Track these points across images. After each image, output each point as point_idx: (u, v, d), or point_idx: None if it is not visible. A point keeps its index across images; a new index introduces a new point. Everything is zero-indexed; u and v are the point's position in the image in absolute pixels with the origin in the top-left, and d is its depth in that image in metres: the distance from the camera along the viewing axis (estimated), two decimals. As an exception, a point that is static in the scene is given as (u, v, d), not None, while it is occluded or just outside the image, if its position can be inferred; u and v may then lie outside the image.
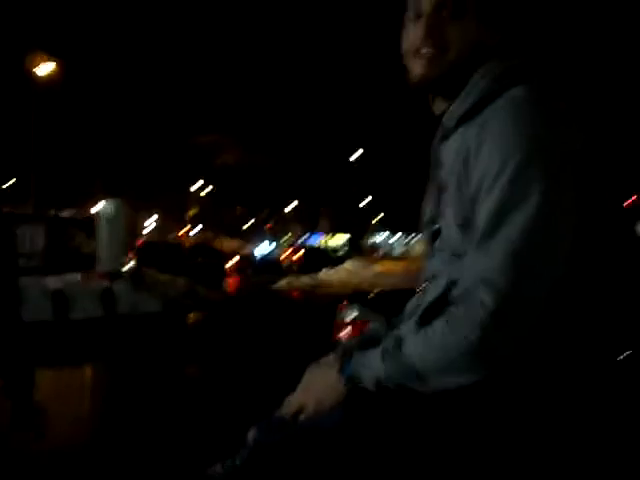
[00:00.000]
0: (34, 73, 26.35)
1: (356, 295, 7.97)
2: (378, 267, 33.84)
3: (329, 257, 37.86)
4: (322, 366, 1.57)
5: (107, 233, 13.75)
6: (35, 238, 12.89)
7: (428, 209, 1.62)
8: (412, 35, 1.53)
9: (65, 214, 18.71)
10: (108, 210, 14.21)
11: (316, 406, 1.50)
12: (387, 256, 56.98)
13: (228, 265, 28.03)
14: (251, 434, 1.55)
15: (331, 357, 1.58)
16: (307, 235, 60.07)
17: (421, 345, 1.38)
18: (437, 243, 1.53)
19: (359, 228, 60.46)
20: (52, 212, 18.65)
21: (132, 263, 22.40)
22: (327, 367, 1.54)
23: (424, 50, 1.50)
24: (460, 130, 1.48)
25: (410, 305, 1.67)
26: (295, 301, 20.54)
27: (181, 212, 55.07)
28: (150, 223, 52.56)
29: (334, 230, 59.58)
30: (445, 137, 1.54)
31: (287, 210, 60.43)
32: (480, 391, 1.35)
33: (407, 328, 1.47)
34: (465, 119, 1.47)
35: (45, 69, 26.60)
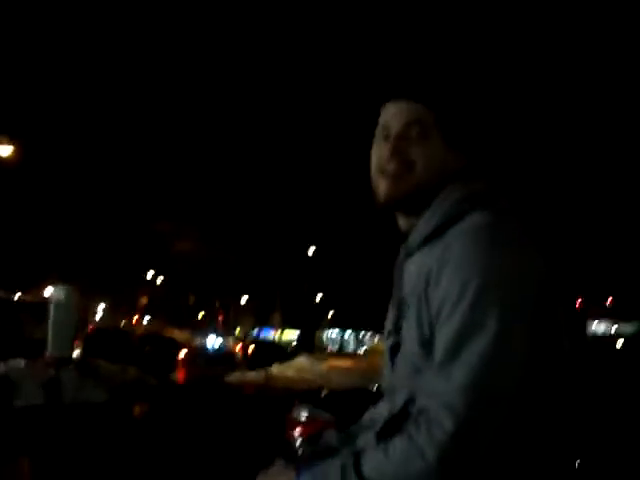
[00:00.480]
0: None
1: (308, 394, 7.92)
2: (329, 363, 33.64)
3: (281, 351, 37.34)
4: (274, 476, 1.57)
5: (57, 319, 13.50)
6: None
7: (389, 323, 1.65)
8: (379, 154, 1.59)
9: (16, 297, 18.43)
10: (59, 296, 13.99)
11: None
12: (338, 352, 56.85)
13: (179, 356, 27.61)
14: None
15: (281, 466, 1.59)
16: (258, 329, 59.70)
17: (381, 461, 1.39)
18: (397, 357, 1.56)
19: (311, 324, 60.31)
20: (2, 294, 18.31)
21: (79, 350, 22.16)
22: (280, 477, 1.54)
23: (390, 169, 1.56)
24: (424, 250, 1.53)
25: (367, 416, 1.70)
26: (246, 395, 20.23)
27: (133, 300, 54.53)
28: (100, 310, 51.92)
29: (286, 325, 59.31)
30: (409, 255, 1.59)
31: (241, 302, 60.18)
32: None
33: (366, 442, 1.51)
34: (429, 239, 1.52)
35: (4, 151, 26.54)
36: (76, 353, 16.44)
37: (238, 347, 37.01)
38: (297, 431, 5.67)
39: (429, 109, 1.55)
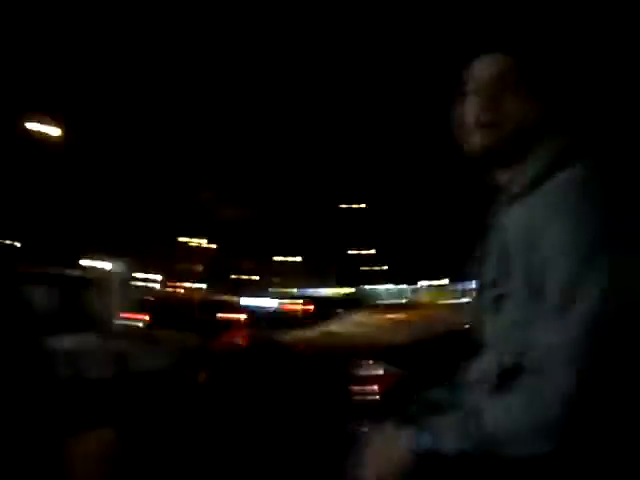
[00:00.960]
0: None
1: (378, 351, 7.90)
2: (387, 317, 33.69)
3: (336, 305, 37.14)
4: (386, 438, 1.57)
5: (118, 292, 13.75)
6: (48, 297, 12.85)
7: (486, 275, 1.68)
8: (471, 108, 1.65)
9: (75, 273, 18.73)
10: (118, 270, 14.22)
11: (381, 468, 1.52)
12: (394, 306, 56.96)
13: (236, 320, 27.96)
14: None
15: (390, 427, 1.59)
16: (312, 288, 60.16)
17: (504, 415, 1.42)
18: (503, 309, 1.58)
19: (363, 279, 60.56)
20: (61, 271, 18.64)
21: (144, 321, 22.92)
22: (392, 439, 1.55)
23: (484, 120, 1.62)
24: (527, 199, 1.58)
25: (473, 370, 1.71)
26: (305, 355, 20.41)
27: (187, 269, 55.22)
28: (155, 280, 52.65)
29: (338, 283, 59.61)
30: (510, 203, 1.64)
31: (294, 263, 60.60)
32: (551, 458, 1.40)
33: (481, 397, 1.54)
34: (532, 188, 1.57)
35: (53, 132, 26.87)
36: (140, 324, 16.83)
37: (292, 306, 37.36)
38: (374, 387, 5.65)
39: (514, 61, 1.61)
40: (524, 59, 1.62)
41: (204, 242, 57.23)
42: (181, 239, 51.88)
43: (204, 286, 56.82)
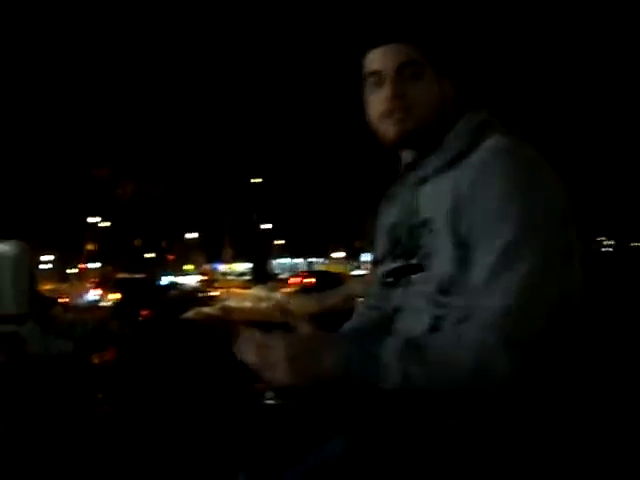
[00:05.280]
0: None
1: (282, 324, 8.04)
2: (283, 291, 33.97)
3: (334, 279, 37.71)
4: (321, 336, 1.51)
5: (10, 275, 13.42)
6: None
7: (387, 247, 1.72)
8: (378, 99, 1.63)
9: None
10: (9, 251, 13.88)
11: (297, 371, 1.41)
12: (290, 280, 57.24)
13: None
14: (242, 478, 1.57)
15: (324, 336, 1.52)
16: (210, 264, 59.73)
17: (449, 345, 1.40)
18: (414, 278, 1.60)
19: (261, 254, 60.49)
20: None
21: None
22: (327, 339, 1.49)
23: (393, 112, 1.61)
24: (447, 173, 1.59)
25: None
26: (208, 330, 20.48)
27: (79, 248, 53.90)
28: (47, 261, 51.22)
29: (236, 257, 59.43)
30: (423, 181, 1.65)
31: (189, 239, 59.95)
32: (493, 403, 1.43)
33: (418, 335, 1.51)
34: (452, 163, 1.59)
35: None
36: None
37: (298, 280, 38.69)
38: None
39: (416, 45, 1.60)
40: (425, 41, 1.62)
41: (96, 220, 55.94)
42: (72, 217, 50.56)
43: (97, 265, 55.69)
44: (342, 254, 67.00)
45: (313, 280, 38.14)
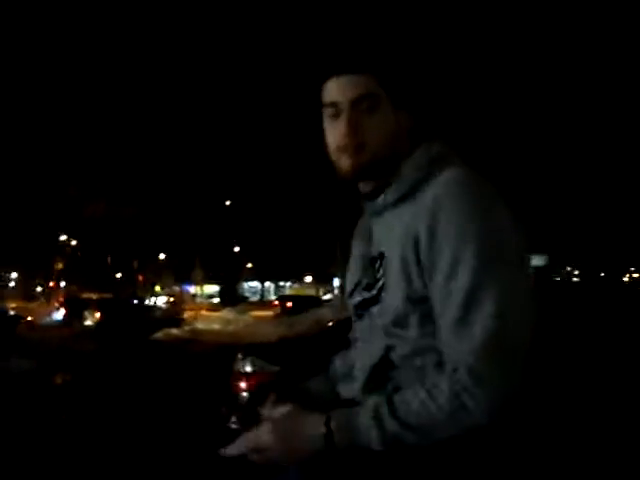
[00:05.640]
0: None
1: (250, 346, 8.00)
2: (253, 314, 33.96)
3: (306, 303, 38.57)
4: (300, 417, 1.53)
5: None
6: None
7: (354, 279, 1.72)
8: (334, 132, 1.62)
9: None
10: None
11: (288, 454, 1.50)
12: (260, 303, 57.17)
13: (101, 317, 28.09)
14: None
15: (296, 409, 1.56)
16: (179, 286, 59.46)
17: (423, 406, 1.42)
18: (373, 310, 1.62)
19: (231, 277, 60.35)
20: None
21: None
22: (307, 420, 1.51)
23: (349, 145, 1.59)
24: (401, 207, 1.60)
25: (339, 365, 1.82)
26: (175, 351, 20.33)
27: (47, 266, 53.38)
28: (11, 279, 50.74)
29: (206, 279, 59.24)
30: (378, 214, 1.66)
31: (159, 260, 59.64)
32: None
33: (354, 391, 1.59)
34: (405, 197, 1.59)
35: None
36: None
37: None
38: (243, 384, 5.76)
39: (373, 77, 1.58)
40: (382, 73, 1.60)
41: (64, 238, 55.48)
42: (44, 234, 50.12)
43: (63, 284, 55.13)
44: (310, 278, 67.03)
45: (290, 304, 39.64)
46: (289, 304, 40.07)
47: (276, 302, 45.14)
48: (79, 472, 6.08)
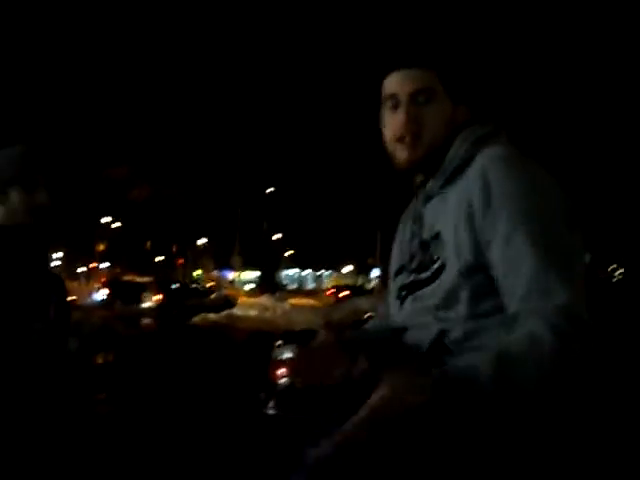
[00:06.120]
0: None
1: (287, 334, 8.00)
2: (291, 302, 34.05)
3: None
4: (407, 374, 1.48)
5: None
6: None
7: (403, 261, 1.76)
8: (392, 124, 1.70)
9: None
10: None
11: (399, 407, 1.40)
12: (298, 291, 57.24)
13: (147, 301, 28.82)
14: None
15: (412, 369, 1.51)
16: (217, 270, 59.84)
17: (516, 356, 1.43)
18: (424, 291, 1.66)
19: (270, 263, 60.53)
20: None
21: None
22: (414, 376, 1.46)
23: (406, 136, 1.67)
24: (449, 189, 1.66)
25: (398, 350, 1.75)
26: (213, 336, 20.47)
27: (90, 247, 54.09)
28: (56, 258, 51.35)
29: (245, 265, 59.53)
30: (428, 199, 1.72)
31: (199, 245, 60.06)
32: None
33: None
34: (452, 178, 1.66)
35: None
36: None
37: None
38: (282, 371, 5.75)
39: (432, 72, 1.66)
40: (441, 68, 1.67)
41: (108, 220, 56.08)
42: (85, 216, 50.73)
43: (106, 265, 55.82)
44: (350, 267, 66.98)
45: (348, 292, 40.16)
46: (345, 293, 40.66)
47: (331, 291, 46.12)
48: (113, 453, 6.17)
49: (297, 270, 70.64)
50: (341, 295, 40.45)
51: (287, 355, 5.91)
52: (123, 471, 5.69)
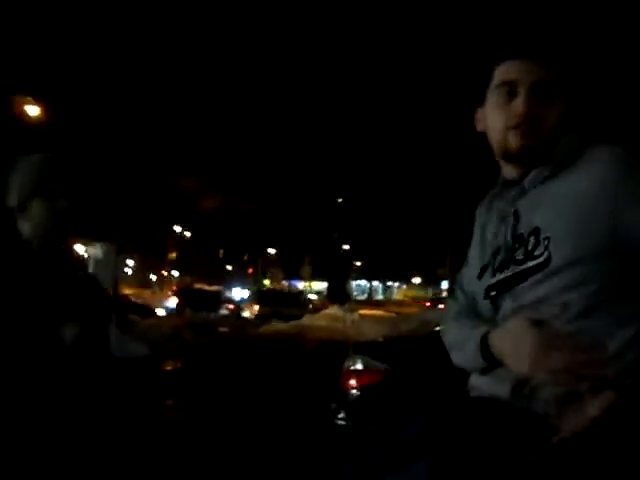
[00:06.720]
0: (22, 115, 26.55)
1: (358, 345, 7.97)
2: (360, 312, 33.98)
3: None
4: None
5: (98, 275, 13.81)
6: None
7: (486, 260, 1.77)
8: (507, 110, 1.70)
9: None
10: (98, 253, 14.28)
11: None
12: (367, 302, 57.24)
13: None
14: None
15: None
16: (287, 280, 60.22)
17: None
18: (521, 286, 1.65)
19: (339, 274, 60.65)
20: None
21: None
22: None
23: (521, 125, 1.68)
24: (546, 185, 1.69)
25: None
26: (281, 345, 20.54)
27: (161, 255, 55.07)
28: (129, 265, 52.47)
29: (314, 276, 59.75)
30: (520, 195, 1.73)
31: (269, 255, 60.60)
32: None
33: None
34: (552, 175, 1.69)
35: (32, 112, 26.81)
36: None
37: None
38: (353, 381, 5.70)
39: (555, 66, 1.71)
40: (563, 66, 1.72)
41: (179, 229, 57.04)
42: (157, 224, 51.67)
43: (176, 273, 56.74)
44: (419, 279, 66.58)
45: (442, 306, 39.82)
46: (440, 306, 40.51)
47: (429, 303, 46.22)
48: (181, 458, 6.21)
49: (364, 281, 70.62)
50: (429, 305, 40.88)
51: (358, 365, 5.88)
52: (192, 476, 5.72)
